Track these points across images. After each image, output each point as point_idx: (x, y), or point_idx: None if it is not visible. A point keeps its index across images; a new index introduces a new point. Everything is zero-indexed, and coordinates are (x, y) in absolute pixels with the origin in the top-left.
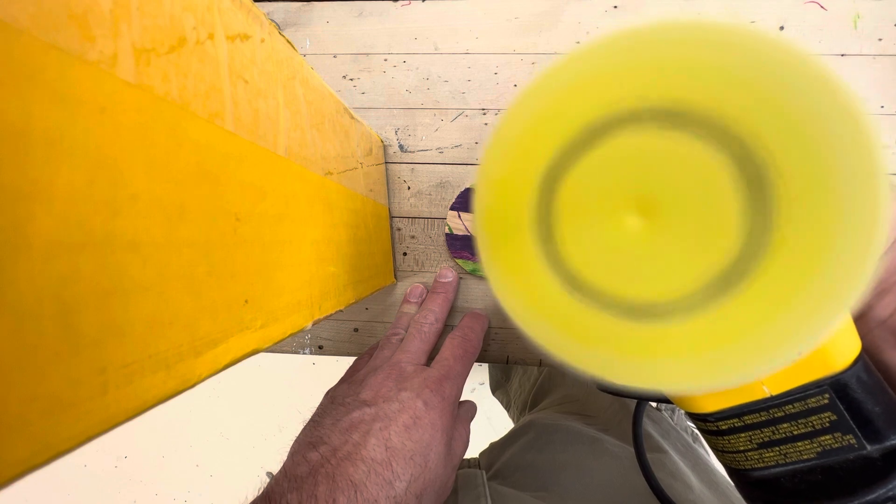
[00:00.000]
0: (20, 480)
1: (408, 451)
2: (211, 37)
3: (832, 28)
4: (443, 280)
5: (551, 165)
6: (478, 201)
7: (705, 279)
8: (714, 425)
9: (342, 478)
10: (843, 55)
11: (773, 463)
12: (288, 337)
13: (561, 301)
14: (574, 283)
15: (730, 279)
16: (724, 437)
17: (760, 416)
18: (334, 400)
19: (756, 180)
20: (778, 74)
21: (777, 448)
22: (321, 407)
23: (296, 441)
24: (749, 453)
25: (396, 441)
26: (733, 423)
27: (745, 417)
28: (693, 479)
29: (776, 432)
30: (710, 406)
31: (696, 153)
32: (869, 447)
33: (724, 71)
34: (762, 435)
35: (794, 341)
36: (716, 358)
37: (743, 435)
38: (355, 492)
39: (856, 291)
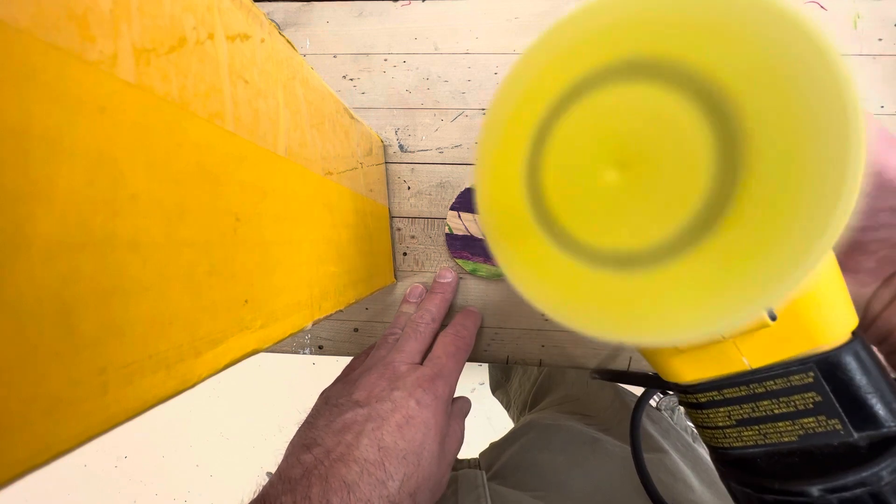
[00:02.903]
0: (20, 480)
1: (400, 450)
2: (211, 37)
3: (832, 28)
4: (441, 280)
5: (538, 129)
6: (476, 173)
7: (678, 226)
8: (694, 397)
9: (335, 479)
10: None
11: (751, 443)
12: (288, 337)
13: (553, 258)
14: (563, 240)
15: (702, 226)
16: (704, 411)
17: (740, 390)
18: (328, 401)
19: (726, 128)
20: (740, 18)
21: (756, 427)
22: (315, 408)
23: (291, 443)
24: (728, 430)
25: (389, 441)
26: (712, 396)
27: (725, 391)
28: (694, 479)
29: (756, 409)
30: (688, 375)
31: (667, 103)
32: (856, 434)
33: (688, 19)
34: (741, 411)
35: (764, 292)
36: (690, 306)
37: (722, 410)
38: (348, 492)
39: (826, 241)
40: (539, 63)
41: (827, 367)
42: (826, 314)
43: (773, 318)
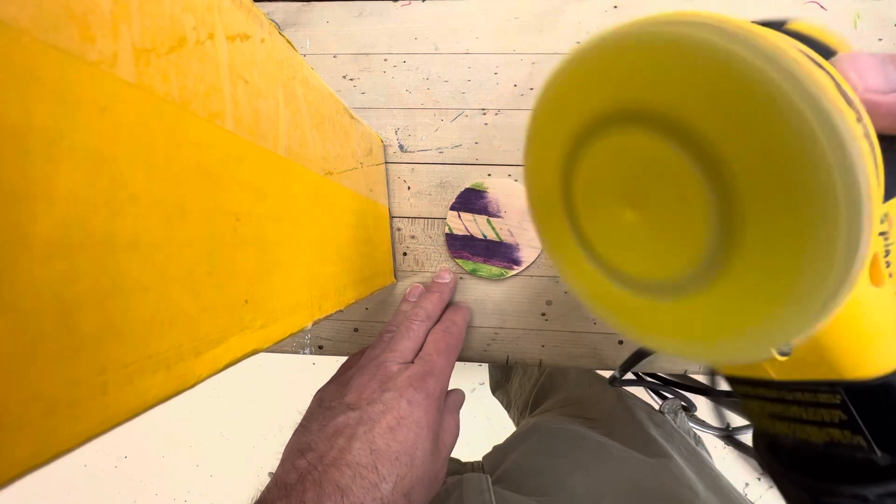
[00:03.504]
0: (20, 480)
1: (393, 452)
2: (211, 37)
3: (832, 28)
4: (440, 281)
5: (564, 166)
6: (526, 191)
7: (687, 266)
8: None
9: (329, 484)
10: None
11: (783, 433)
12: (288, 337)
13: (589, 269)
14: (596, 259)
15: (710, 268)
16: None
17: (771, 392)
18: (321, 403)
19: (719, 176)
20: (719, 76)
21: (786, 423)
22: (309, 410)
23: (286, 447)
24: (762, 419)
25: (381, 443)
26: (746, 390)
27: (757, 389)
28: (698, 484)
29: (786, 411)
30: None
31: (662, 151)
32: (880, 454)
33: (675, 73)
34: (772, 408)
35: (768, 337)
36: (701, 337)
37: (756, 402)
38: (342, 496)
39: (830, 289)
40: (552, 107)
41: (855, 393)
42: (857, 353)
43: (785, 354)
